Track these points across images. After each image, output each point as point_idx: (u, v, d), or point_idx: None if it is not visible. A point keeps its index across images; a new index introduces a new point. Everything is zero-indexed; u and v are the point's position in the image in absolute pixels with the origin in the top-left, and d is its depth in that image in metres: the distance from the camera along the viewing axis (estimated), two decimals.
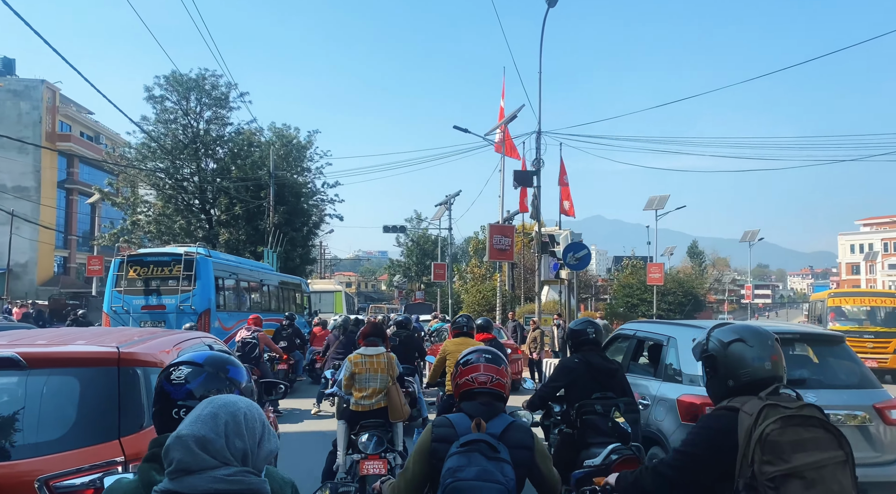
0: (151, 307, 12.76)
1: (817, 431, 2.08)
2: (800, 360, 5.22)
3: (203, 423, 1.47)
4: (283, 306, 18.27)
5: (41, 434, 2.88)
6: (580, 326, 4.90)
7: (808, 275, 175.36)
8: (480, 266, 37.32)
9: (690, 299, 33.21)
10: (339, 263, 78.29)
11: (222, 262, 14.38)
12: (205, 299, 12.85)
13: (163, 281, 12.91)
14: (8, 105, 41.66)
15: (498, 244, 17.94)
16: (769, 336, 2.32)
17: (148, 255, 13.47)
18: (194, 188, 30.31)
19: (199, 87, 28.84)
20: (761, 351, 2.24)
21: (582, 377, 4.61)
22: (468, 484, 2.24)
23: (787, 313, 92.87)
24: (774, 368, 2.23)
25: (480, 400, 2.60)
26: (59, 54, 11.33)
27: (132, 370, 3.14)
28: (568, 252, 12.68)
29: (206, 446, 1.45)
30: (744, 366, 2.22)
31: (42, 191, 41.83)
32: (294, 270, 27.75)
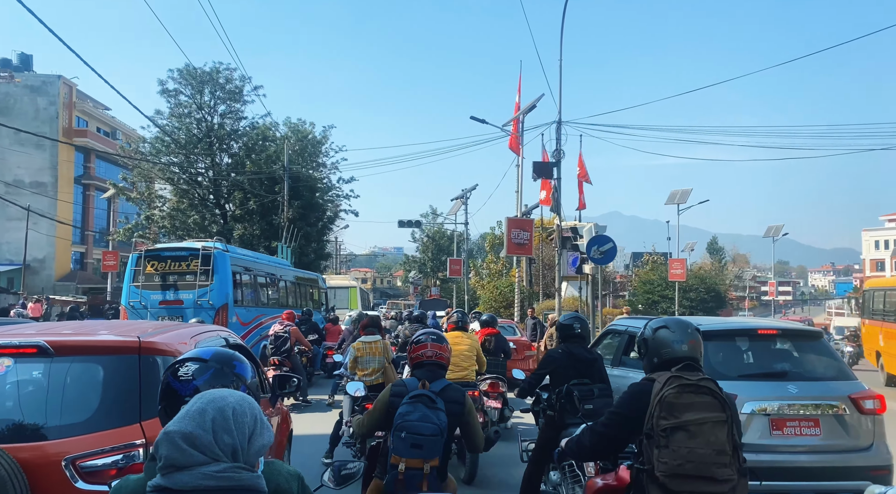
0: (169, 302, 12.55)
1: (706, 397, 2.65)
2: (782, 354, 5.54)
3: (191, 419, 1.45)
4: (299, 302, 18.03)
5: (67, 418, 3.06)
6: (568, 321, 5.43)
7: (829, 272, 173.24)
8: (497, 262, 36.92)
9: (713, 296, 32.57)
10: (354, 259, 78.22)
11: (239, 257, 14.15)
12: (222, 295, 12.62)
13: (180, 276, 12.69)
14: (25, 101, 41.83)
15: (516, 239, 17.55)
16: (689, 326, 2.95)
17: (165, 250, 13.26)
18: (209, 183, 30.19)
19: (212, 80, 28.68)
20: (681, 336, 2.86)
21: (563, 366, 5.11)
22: (412, 424, 3.25)
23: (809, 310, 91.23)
24: (691, 350, 2.85)
25: (427, 368, 3.60)
26: (73, 51, 11.26)
27: (152, 358, 3.29)
28: (592, 246, 12.25)
29: (194, 442, 1.42)
30: (665, 347, 2.85)
31: (59, 186, 42.00)
32: (308, 265, 27.54)
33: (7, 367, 3.19)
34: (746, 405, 4.85)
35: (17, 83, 42.28)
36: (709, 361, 4.99)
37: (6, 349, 3.20)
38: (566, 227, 30.40)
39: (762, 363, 5.42)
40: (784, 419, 4.88)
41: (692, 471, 2.57)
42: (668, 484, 2.59)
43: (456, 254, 39.84)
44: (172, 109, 29.24)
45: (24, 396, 3.21)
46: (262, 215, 29.21)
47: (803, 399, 4.93)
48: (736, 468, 2.64)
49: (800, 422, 4.89)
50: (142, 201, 30.37)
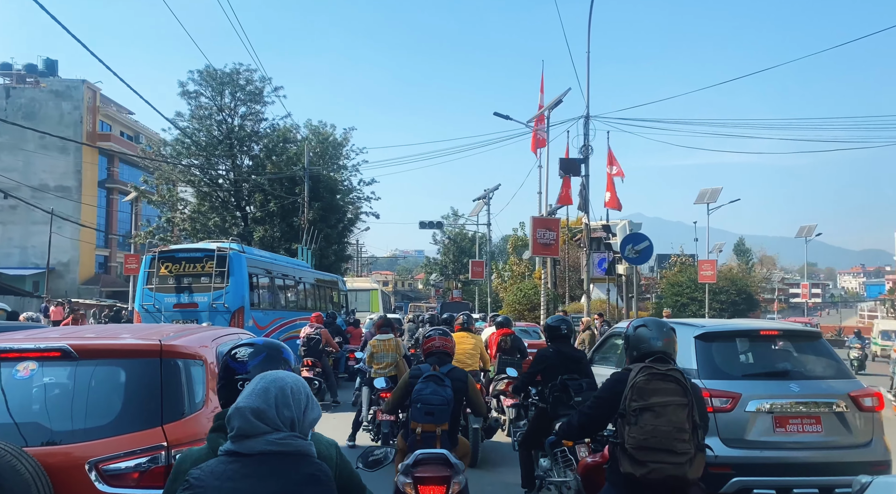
0: (183, 305, 12.15)
1: (671, 384, 3.11)
2: (783, 354, 5.71)
3: (257, 396, 1.82)
4: (319, 305, 17.56)
5: (90, 421, 3.08)
6: (555, 323, 6.02)
7: (859, 273, 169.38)
8: (520, 264, 36.23)
9: (744, 298, 31.46)
10: (375, 261, 77.96)
11: (256, 258, 13.71)
12: (238, 297, 12.18)
13: (195, 278, 12.28)
14: (50, 105, 42.25)
15: (542, 239, 16.88)
16: (665, 325, 3.45)
17: (180, 251, 12.86)
18: (229, 185, 30.01)
19: (233, 81, 28.48)
20: (657, 334, 3.34)
21: (554, 364, 5.65)
22: (425, 397, 4.30)
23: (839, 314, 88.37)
24: (665, 346, 3.32)
25: (436, 356, 4.68)
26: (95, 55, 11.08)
27: (173, 361, 3.33)
28: (626, 244, 11.51)
29: (260, 415, 1.79)
30: (643, 343, 3.34)
31: (83, 190, 42.30)
32: (329, 267, 27.15)
33: (32, 371, 3.22)
34: (751, 404, 4.99)
35: (42, 88, 42.74)
36: (713, 361, 5.28)
37: (30, 352, 3.24)
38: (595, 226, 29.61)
39: (765, 363, 5.58)
40: (787, 416, 5.02)
41: (655, 445, 3.04)
42: (635, 455, 3.08)
43: (478, 256, 39.23)
44: (193, 111, 29.11)
45: (48, 399, 3.25)
46: (283, 217, 28.91)
47: (805, 397, 5.08)
48: (694, 443, 3.10)
49: (802, 420, 5.03)
50: (163, 203, 30.27)
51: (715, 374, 5.22)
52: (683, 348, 5.39)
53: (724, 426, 4.96)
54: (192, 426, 3.23)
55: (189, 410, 3.26)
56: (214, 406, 3.33)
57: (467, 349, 7.72)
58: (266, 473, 1.78)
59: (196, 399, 3.38)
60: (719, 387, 5.09)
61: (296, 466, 1.81)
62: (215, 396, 3.36)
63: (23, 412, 3.17)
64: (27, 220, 39.91)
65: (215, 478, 1.78)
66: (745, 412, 4.97)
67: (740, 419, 4.97)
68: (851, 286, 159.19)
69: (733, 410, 4.99)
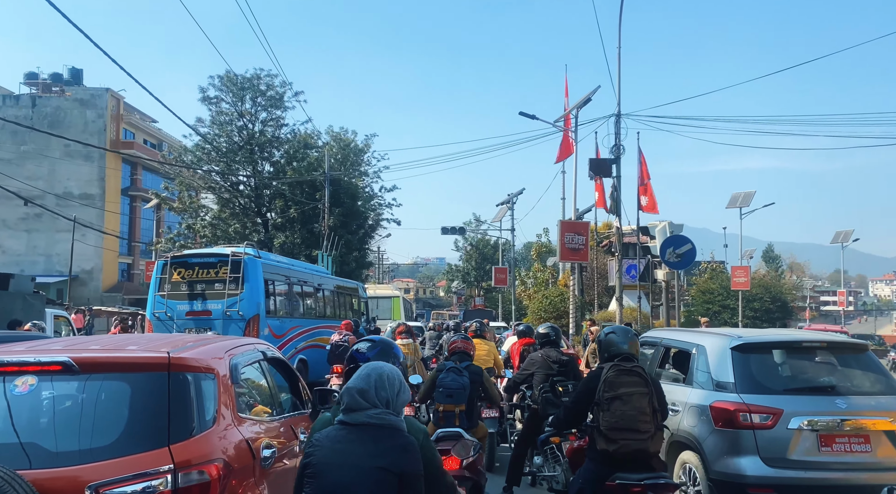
0: (196, 313, 11.62)
1: (634, 377, 3.98)
2: (827, 367, 5.39)
3: (362, 380, 2.52)
4: (339, 313, 16.97)
5: (92, 441, 2.88)
6: (545, 330, 6.65)
7: (891, 281, 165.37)
8: (544, 270, 35.41)
9: (778, 306, 30.23)
10: (397, 268, 77.57)
11: (273, 264, 13.15)
12: (253, 304, 11.62)
13: (208, 284, 11.75)
14: (74, 114, 42.58)
15: (570, 243, 16.11)
16: (629, 332, 4.37)
17: (193, 256, 12.36)
18: (250, 191, 29.74)
19: (253, 87, 28.23)
20: (623, 339, 4.22)
21: (543, 367, 6.19)
22: (446, 383, 5.38)
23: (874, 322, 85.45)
24: (630, 348, 4.19)
25: (458, 354, 5.89)
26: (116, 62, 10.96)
27: (182, 375, 3.14)
28: (667, 247, 10.71)
29: (363, 394, 2.47)
30: (612, 346, 4.21)
31: (106, 198, 42.50)
32: (349, 274, 26.63)
33: (31, 386, 3.01)
34: (794, 421, 4.74)
35: (67, 97, 43.14)
36: (752, 374, 5.03)
37: (30, 366, 3.03)
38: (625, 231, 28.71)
39: (808, 377, 5.33)
40: (833, 435, 4.76)
41: (623, 425, 3.84)
42: (608, 435, 3.87)
43: (500, 262, 38.46)
44: (214, 117, 28.94)
45: (47, 417, 3.04)
46: (303, 223, 28.53)
47: (853, 414, 4.81)
48: (654, 424, 3.91)
49: (849, 438, 4.75)
50: (184, 210, 30.09)
51: (754, 388, 4.96)
52: (719, 359, 5.27)
53: (764, 445, 4.70)
54: (203, 445, 3.01)
55: (199, 428, 3.05)
56: (227, 423, 3.25)
57: (480, 356, 7.97)
58: (366, 439, 2.40)
59: (206, 416, 3.13)
60: (759, 402, 4.82)
61: (390, 436, 2.42)
62: (228, 411, 3.34)
63: (20, 432, 2.94)
64: (52, 228, 40.14)
65: (329, 440, 2.47)
66: (787, 429, 4.71)
67: (782, 437, 4.71)
68: (884, 294, 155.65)
69: (774, 427, 4.72)
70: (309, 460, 2.47)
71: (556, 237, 16.44)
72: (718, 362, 5.22)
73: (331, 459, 2.41)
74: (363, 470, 2.36)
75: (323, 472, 2.41)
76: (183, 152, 30.29)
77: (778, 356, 5.38)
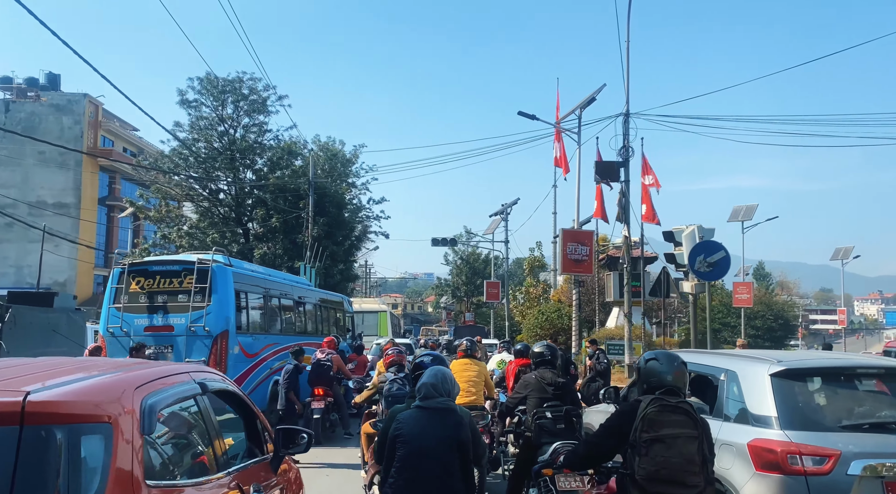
0: (156, 328, 10.20)
1: (681, 416, 3.31)
2: (888, 399, 4.60)
3: (433, 377, 3.78)
4: (321, 328, 15.55)
5: None
6: (540, 349, 6.20)
7: (877, 300, 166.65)
8: (536, 285, 34.21)
9: (781, 324, 29.16)
10: (384, 283, 76.00)
11: (246, 273, 11.73)
12: (222, 319, 10.21)
13: (171, 296, 10.34)
14: (50, 120, 40.98)
15: (573, 254, 14.92)
16: (677, 359, 3.61)
17: (154, 263, 10.93)
18: (231, 199, 28.32)
19: (235, 90, 26.92)
20: (668, 368, 3.52)
21: (537, 389, 5.75)
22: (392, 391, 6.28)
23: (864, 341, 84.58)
24: (675, 380, 3.50)
25: (395, 366, 6.98)
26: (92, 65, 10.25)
27: (45, 430, 2.05)
28: (696, 255, 9.42)
29: (435, 387, 3.72)
30: (654, 376, 3.53)
31: (82, 207, 40.81)
32: (334, 287, 25.19)
33: None
34: (854, 465, 3.99)
35: (42, 102, 41.56)
36: (798, 407, 4.36)
37: None
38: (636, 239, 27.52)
39: (867, 411, 4.54)
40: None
41: (666, 477, 3.21)
42: (646, 487, 3.24)
43: (492, 277, 37.17)
44: (193, 122, 27.54)
45: None
46: (286, 234, 27.11)
47: None
48: (704, 477, 3.27)
49: None
50: (161, 219, 28.56)
51: (802, 424, 4.20)
52: (755, 389, 4.55)
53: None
54: None
55: None
56: None
57: (471, 378, 7.28)
58: (437, 418, 3.65)
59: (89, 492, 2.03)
60: (811, 442, 4.07)
61: (452, 416, 3.69)
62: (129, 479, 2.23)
63: None
64: (24, 238, 38.32)
65: (412, 419, 3.67)
66: (846, 475, 3.96)
67: (841, 485, 3.95)
68: (870, 313, 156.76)
69: (831, 472, 3.96)
70: (399, 432, 3.58)
71: (559, 248, 15.16)
72: (755, 391, 4.51)
73: (416, 431, 3.56)
74: (439, 438, 3.54)
75: (411, 440, 3.54)
76: (159, 158, 28.83)
77: (827, 385, 4.62)
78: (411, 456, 3.50)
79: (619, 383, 15.00)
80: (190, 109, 27.15)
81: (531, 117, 16.28)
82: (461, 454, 3.56)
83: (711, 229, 10.28)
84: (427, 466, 3.48)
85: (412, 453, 3.49)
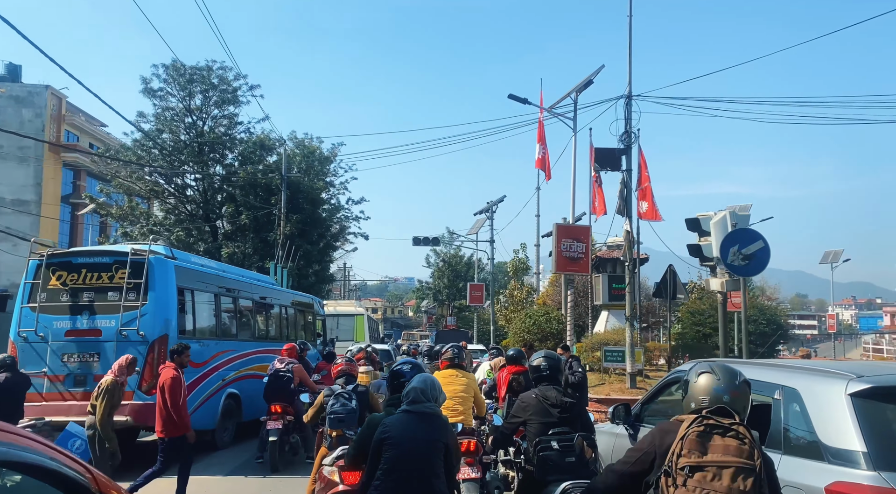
0: (80, 332, 8.55)
1: (733, 441, 2.49)
2: None
3: (422, 383, 3.86)
4: (288, 333, 13.91)
5: None
6: (538, 361, 4.92)
7: (850, 306, 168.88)
8: (521, 289, 32.83)
9: (774, 329, 28.01)
10: (364, 286, 74.25)
11: (193, 267, 10.05)
12: (160, 321, 8.60)
13: (99, 293, 8.69)
14: (9, 112, 38.60)
15: (568, 251, 13.54)
16: (738, 375, 2.70)
17: (78, 254, 9.27)
18: (198, 195, 26.53)
19: (203, 79, 25.18)
20: (725, 385, 2.64)
21: (539, 412, 4.61)
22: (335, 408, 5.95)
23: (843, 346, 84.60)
24: (733, 402, 2.62)
25: (343, 377, 6.43)
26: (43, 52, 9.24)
27: None
28: (729, 246, 7.95)
29: (423, 392, 3.79)
30: (704, 394, 2.66)
31: (43, 204, 38.59)
32: (308, 289, 23.53)
33: None
34: None
35: (1, 93, 39.26)
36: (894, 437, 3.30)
37: None
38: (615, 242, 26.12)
39: None
40: None
41: None
42: None
43: (476, 279, 35.72)
44: (159, 114, 25.73)
45: None
46: (256, 231, 25.39)
47: None
48: None
49: None
50: (124, 216, 26.66)
51: None
52: (829, 413, 3.56)
53: None
54: None
55: None
56: None
57: (457, 392, 6.10)
58: (424, 422, 3.71)
59: None
60: None
61: (437, 421, 3.79)
62: None
63: None
64: None
65: (400, 423, 3.69)
66: None
67: None
68: (844, 318, 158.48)
69: None
70: (386, 436, 3.63)
71: (553, 244, 13.73)
72: (829, 416, 3.54)
73: (404, 434, 3.63)
74: (427, 441, 3.65)
75: (401, 443, 3.61)
76: (120, 150, 26.97)
77: None
78: (400, 459, 3.56)
79: (619, 393, 13.57)
80: (155, 98, 25.40)
81: (522, 101, 14.91)
82: (447, 457, 3.72)
83: (746, 215, 8.84)
84: (415, 468, 3.56)
85: (401, 455, 3.57)
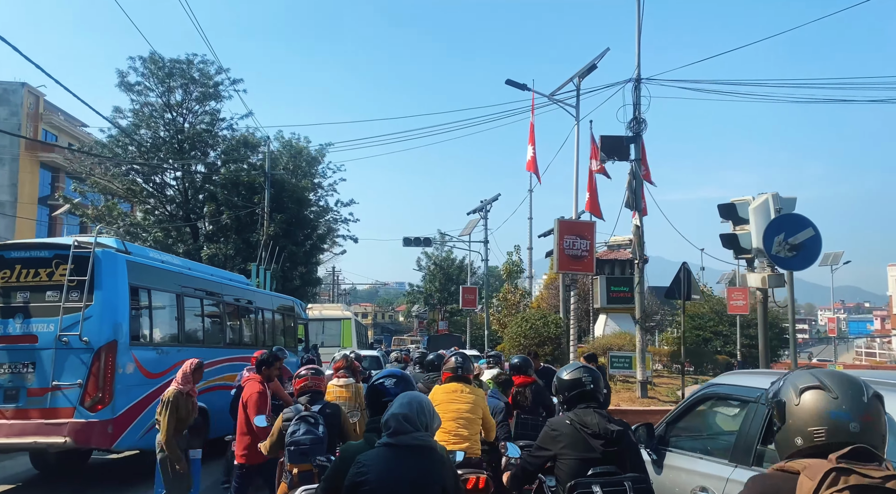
0: (11, 339, 7.36)
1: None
2: None
3: (405, 407, 2.74)
4: (264, 339, 12.71)
5: None
6: (572, 374, 3.63)
7: (839, 309, 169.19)
8: (515, 292, 31.78)
9: (776, 333, 27.09)
10: (354, 291, 72.94)
11: (150, 263, 8.85)
12: (107, 325, 7.41)
13: (35, 293, 7.50)
14: None
15: (570, 249, 12.47)
16: (865, 389, 1.61)
17: (12, 248, 8.06)
18: (179, 196, 25.30)
19: (183, 73, 23.99)
20: (848, 406, 1.56)
21: (575, 446, 3.37)
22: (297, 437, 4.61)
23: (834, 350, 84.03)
24: (864, 430, 1.54)
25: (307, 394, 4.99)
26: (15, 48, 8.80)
27: None
28: (773, 235, 6.82)
29: (408, 419, 2.70)
30: (819, 422, 1.57)
31: (19, 206, 37.19)
32: (293, 292, 22.33)
33: None
34: None
35: None
36: None
37: None
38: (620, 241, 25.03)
39: None
40: None
41: None
42: None
43: (468, 282, 34.64)
44: (137, 110, 24.50)
45: None
46: (238, 232, 24.18)
47: None
48: None
49: None
50: (101, 217, 25.37)
51: None
52: None
53: None
54: None
55: None
56: None
57: (462, 412, 4.86)
58: (412, 459, 2.71)
59: None
60: None
61: (430, 455, 2.76)
62: None
63: None
64: None
65: (378, 461, 2.70)
66: None
67: None
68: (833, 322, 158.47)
69: None
70: (363, 479, 2.66)
71: (554, 241, 12.65)
72: None
73: (386, 476, 2.66)
74: (417, 486, 2.67)
75: (379, 489, 2.65)
76: (95, 147, 25.70)
77: None
78: None
79: (629, 404, 12.46)
80: (133, 93, 24.18)
81: (521, 87, 13.91)
82: None
83: (792, 199, 7.72)
84: None
85: None
